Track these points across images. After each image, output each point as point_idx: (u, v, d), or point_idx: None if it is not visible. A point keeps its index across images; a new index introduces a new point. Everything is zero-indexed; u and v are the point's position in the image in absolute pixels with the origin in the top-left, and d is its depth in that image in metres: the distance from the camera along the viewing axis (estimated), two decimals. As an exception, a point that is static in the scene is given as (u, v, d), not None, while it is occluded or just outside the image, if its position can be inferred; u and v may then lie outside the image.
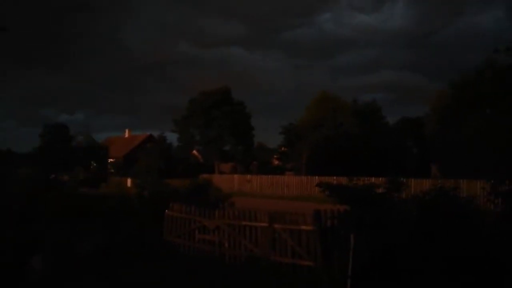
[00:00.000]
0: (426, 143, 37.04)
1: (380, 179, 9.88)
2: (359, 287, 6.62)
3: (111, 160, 48.98)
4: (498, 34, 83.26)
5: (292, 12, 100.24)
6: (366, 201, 7.54)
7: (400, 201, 7.54)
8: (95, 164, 44.54)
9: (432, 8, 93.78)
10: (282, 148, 48.87)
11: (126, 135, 57.64)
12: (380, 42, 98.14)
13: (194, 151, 52.55)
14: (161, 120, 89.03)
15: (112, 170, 45.78)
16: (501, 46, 10.90)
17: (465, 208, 6.28)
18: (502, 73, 23.88)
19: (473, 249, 5.11)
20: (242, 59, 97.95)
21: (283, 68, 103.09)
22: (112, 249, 9.55)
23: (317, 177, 28.53)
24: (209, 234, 10.40)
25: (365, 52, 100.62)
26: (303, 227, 8.34)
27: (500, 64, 25.59)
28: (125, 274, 7.76)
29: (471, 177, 17.62)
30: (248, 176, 36.19)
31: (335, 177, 23.46)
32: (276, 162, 54.08)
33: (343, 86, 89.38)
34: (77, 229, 11.52)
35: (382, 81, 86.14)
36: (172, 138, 56.82)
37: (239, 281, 7.35)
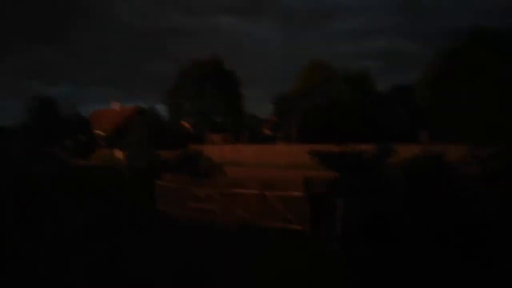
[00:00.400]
0: (417, 110, 37.24)
1: (370, 146, 9.96)
2: (348, 250, 6.80)
3: (101, 132, 48.53)
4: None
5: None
6: (356, 168, 7.64)
7: (389, 167, 7.65)
8: (83, 137, 44.16)
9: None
10: (273, 118, 48.81)
11: (115, 107, 56.84)
12: (375, 8, 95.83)
13: (185, 123, 52.25)
14: (151, 91, 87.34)
15: (102, 143, 45.48)
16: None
17: (451, 172, 6.41)
18: (488, 41, 23.98)
19: (457, 211, 5.26)
20: (233, 27, 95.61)
21: (275, 36, 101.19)
22: (107, 219, 9.62)
23: (308, 145, 28.66)
24: (201, 203, 10.51)
25: (359, 18, 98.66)
26: (294, 193, 8.47)
27: (488, 30, 25.62)
28: (120, 242, 7.86)
29: (458, 142, 17.88)
30: (239, 146, 36.28)
31: (326, 145, 23.61)
32: (267, 132, 54.13)
33: (336, 53, 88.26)
34: (72, 200, 11.57)
35: (376, 47, 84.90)
36: (162, 109, 56.12)
37: (232, 245, 7.50)
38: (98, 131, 49.92)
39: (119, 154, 28.53)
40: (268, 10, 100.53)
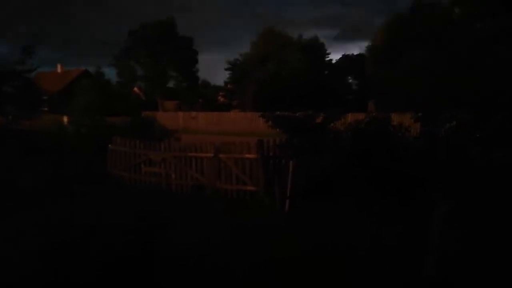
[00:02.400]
0: (365, 79, 38.72)
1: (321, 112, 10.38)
2: (296, 206, 7.28)
3: (45, 96, 45.61)
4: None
5: None
6: (306, 131, 8.02)
7: (336, 130, 8.10)
8: (25, 101, 41.27)
9: None
10: (228, 85, 48.45)
11: (59, 70, 53.29)
12: None
13: (136, 88, 50.38)
14: (98, 54, 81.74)
15: (46, 108, 42.88)
16: None
17: (393, 132, 6.99)
18: (429, 14, 25.32)
19: (395, 167, 5.82)
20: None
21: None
22: (54, 184, 9.38)
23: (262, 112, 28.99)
24: (155, 167, 10.52)
25: None
26: (247, 155, 8.76)
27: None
28: (70, 204, 7.77)
29: (403, 111, 18.99)
30: (193, 113, 35.88)
31: (279, 112, 24.03)
32: (221, 99, 53.79)
33: (290, 19, 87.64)
34: (18, 164, 11.08)
35: (330, 15, 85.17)
36: (111, 74, 53.52)
37: (187, 205, 7.73)
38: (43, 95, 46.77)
39: (64, 118, 27.23)
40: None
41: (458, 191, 5.44)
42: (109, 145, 11.74)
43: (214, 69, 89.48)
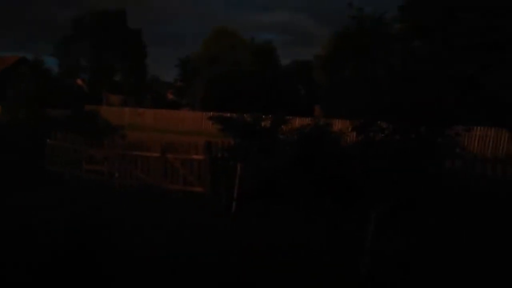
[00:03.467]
0: (313, 86, 40.09)
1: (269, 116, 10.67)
2: (243, 208, 7.43)
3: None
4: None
5: None
6: (254, 134, 8.22)
7: (283, 134, 8.39)
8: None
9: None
10: (178, 83, 47.60)
11: (-9, 55, 49.01)
12: None
13: (79, 80, 47.75)
14: (38, 40, 75.91)
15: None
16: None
17: (334, 139, 7.41)
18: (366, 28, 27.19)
19: (335, 171, 6.20)
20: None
21: None
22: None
23: (212, 113, 28.92)
24: (97, 165, 10.15)
25: None
26: (195, 156, 8.75)
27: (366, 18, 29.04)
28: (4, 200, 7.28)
29: (346, 117, 20.04)
30: (140, 110, 34.81)
31: (229, 114, 24.19)
32: (171, 97, 52.65)
33: (238, 21, 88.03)
34: None
35: (278, 22, 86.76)
36: (52, 63, 50.37)
37: (130, 205, 7.56)
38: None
39: (-3, 109, 25.22)
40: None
41: (391, 196, 5.91)
42: (48, 140, 11.13)
43: (165, 65, 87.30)
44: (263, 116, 8.86)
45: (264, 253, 5.09)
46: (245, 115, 8.94)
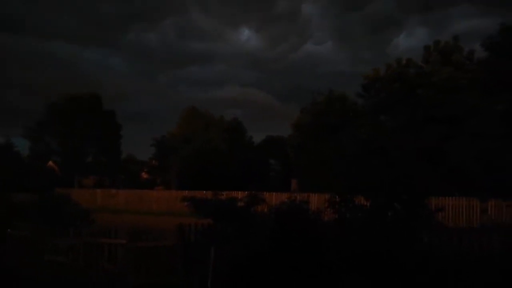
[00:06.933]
0: (288, 161, 40.77)
1: (244, 193, 10.52)
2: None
3: None
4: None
5: (139, 16, 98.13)
6: (228, 215, 7.94)
7: (259, 213, 8.16)
8: None
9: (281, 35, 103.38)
10: (153, 162, 47.39)
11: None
12: (227, 58, 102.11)
13: (50, 162, 46.72)
14: (9, 124, 75.29)
15: None
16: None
17: (312, 218, 7.23)
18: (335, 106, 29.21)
19: (314, 254, 5.92)
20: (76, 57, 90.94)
21: (130, 72, 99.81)
22: None
23: (187, 191, 28.42)
24: (62, 255, 9.39)
25: (212, 66, 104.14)
26: (166, 243, 8.27)
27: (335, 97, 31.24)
28: None
29: (322, 191, 20.13)
30: (113, 191, 33.89)
31: (204, 192, 23.82)
32: (145, 176, 51.92)
33: (195, 97, 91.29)
34: None
35: (231, 96, 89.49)
36: (22, 145, 49.63)
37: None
38: None
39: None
40: (127, 47, 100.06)
41: (371, 276, 5.63)
42: (8, 230, 10.37)
43: (141, 144, 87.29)
44: (238, 196, 8.68)
45: None
46: (219, 193, 8.74)
